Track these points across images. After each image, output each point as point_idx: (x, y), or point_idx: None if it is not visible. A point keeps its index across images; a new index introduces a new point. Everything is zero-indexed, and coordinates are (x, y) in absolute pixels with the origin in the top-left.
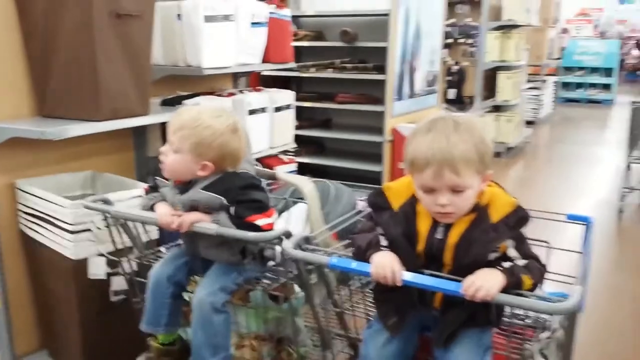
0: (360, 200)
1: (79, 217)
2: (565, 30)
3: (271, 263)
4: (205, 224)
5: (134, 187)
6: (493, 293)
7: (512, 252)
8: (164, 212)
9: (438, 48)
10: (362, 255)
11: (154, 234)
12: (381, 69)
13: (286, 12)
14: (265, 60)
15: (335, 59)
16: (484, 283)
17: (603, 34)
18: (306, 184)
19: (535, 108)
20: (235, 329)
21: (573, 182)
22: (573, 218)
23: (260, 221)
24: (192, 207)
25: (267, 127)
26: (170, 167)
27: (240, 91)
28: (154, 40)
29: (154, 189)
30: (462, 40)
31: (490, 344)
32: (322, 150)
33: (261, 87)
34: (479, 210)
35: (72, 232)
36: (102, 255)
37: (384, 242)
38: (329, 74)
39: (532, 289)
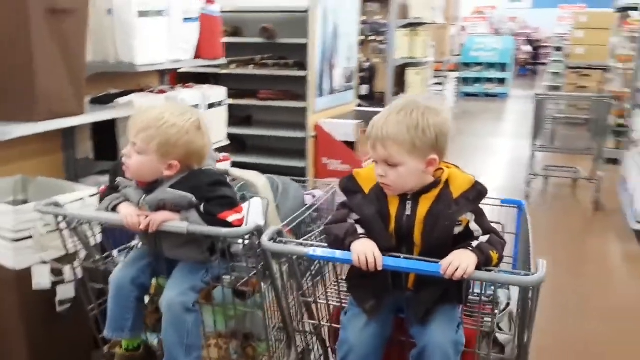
0: (307, 194)
1: (20, 224)
2: (463, 28)
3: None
4: (175, 222)
5: (72, 190)
6: (470, 271)
7: (473, 225)
8: (129, 212)
9: (354, 45)
10: (341, 243)
11: (98, 237)
12: (302, 66)
13: (216, 8)
14: (196, 56)
15: (255, 55)
16: (461, 263)
17: (497, 31)
18: (259, 178)
19: None
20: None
21: (480, 171)
22: (507, 202)
23: (232, 217)
24: (159, 207)
25: None
26: (134, 169)
27: (172, 88)
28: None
29: (112, 189)
30: (372, 38)
31: (460, 320)
32: (243, 147)
33: (192, 84)
34: (441, 189)
35: (12, 240)
36: (45, 263)
37: (360, 230)
38: (250, 70)
39: (498, 264)
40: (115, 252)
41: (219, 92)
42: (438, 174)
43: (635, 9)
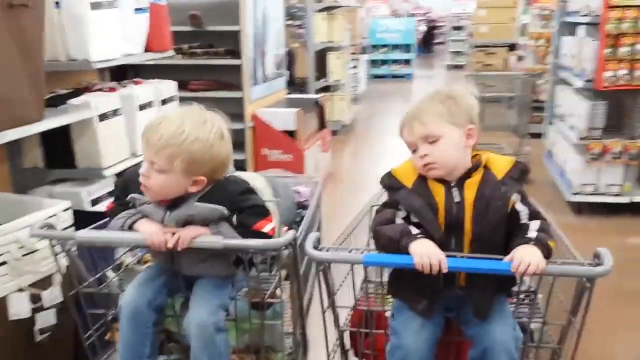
0: (296, 191)
1: None
2: (368, 11)
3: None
4: (208, 237)
5: (28, 204)
6: (543, 267)
7: (519, 206)
8: (153, 230)
9: (282, 30)
10: (396, 245)
11: None
12: (233, 54)
13: None
14: (146, 49)
15: (182, 44)
16: (532, 258)
17: (395, 13)
18: (256, 180)
19: (355, 85)
20: None
21: (403, 148)
22: None
23: (267, 227)
24: (186, 223)
25: None
26: (157, 190)
27: (122, 85)
28: None
29: (122, 206)
30: (289, 23)
31: (511, 312)
32: None
33: (139, 79)
34: (483, 172)
35: None
36: (22, 290)
37: (414, 230)
38: (178, 60)
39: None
40: (110, 272)
41: (170, 87)
42: (477, 158)
43: None
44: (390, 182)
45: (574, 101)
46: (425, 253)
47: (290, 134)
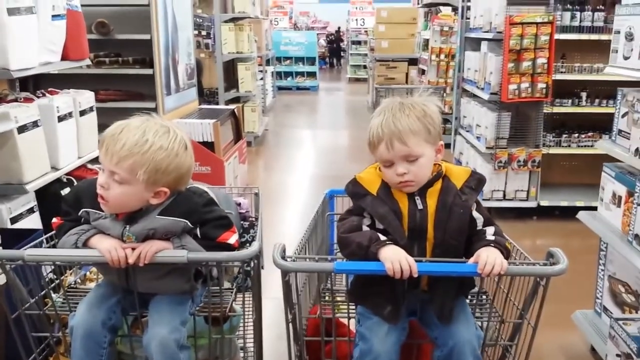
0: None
1: None
2: (271, 22)
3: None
4: (171, 251)
5: None
6: (505, 267)
7: (475, 214)
8: (112, 246)
9: (192, 39)
10: (364, 252)
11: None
12: (142, 63)
13: (77, 3)
14: (63, 57)
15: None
16: (495, 260)
17: (296, 26)
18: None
19: (262, 97)
20: None
21: (315, 159)
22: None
23: (232, 239)
24: (147, 237)
25: (74, 134)
26: (116, 202)
27: (40, 94)
28: None
29: (74, 221)
30: (195, 32)
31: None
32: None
33: (54, 89)
34: (443, 179)
35: None
36: None
37: (382, 237)
38: (85, 70)
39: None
40: (55, 295)
41: (88, 97)
42: (437, 168)
43: (446, 4)
44: (355, 189)
45: (480, 113)
46: (395, 258)
47: (207, 145)
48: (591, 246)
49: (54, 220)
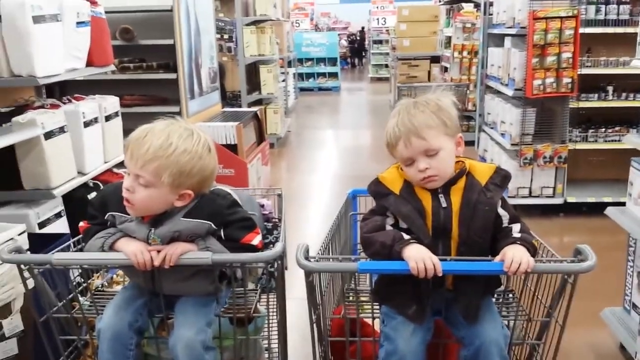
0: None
1: None
2: (293, 24)
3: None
4: (196, 253)
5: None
6: (532, 265)
7: (501, 211)
8: (138, 249)
9: (214, 43)
10: (388, 251)
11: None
12: (166, 67)
13: (101, 10)
14: (88, 63)
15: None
16: (522, 258)
17: (317, 27)
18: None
19: (285, 99)
20: None
21: (337, 159)
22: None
23: (255, 240)
24: (172, 239)
25: (99, 139)
26: (142, 205)
27: (66, 101)
28: None
29: (99, 225)
30: (217, 36)
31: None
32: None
33: (81, 95)
34: (467, 176)
35: None
36: None
37: (406, 236)
38: (109, 75)
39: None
40: (82, 298)
41: (113, 102)
42: (460, 165)
43: (468, 1)
44: (378, 188)
45: (505, 109)
46: (419, 257)
47: (230, 147)
48: (619, 242)
49: (81, 224)
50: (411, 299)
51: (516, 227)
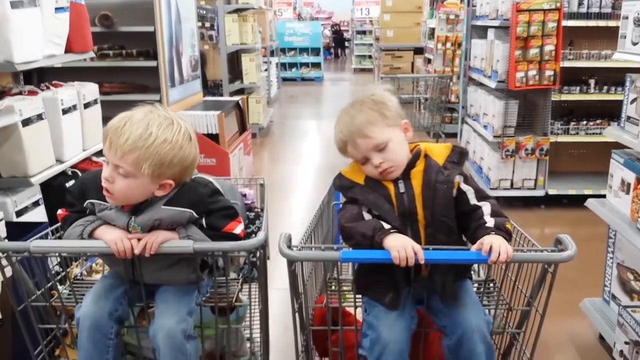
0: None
1: None
2: (275, 13)
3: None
4: (177, 241)
5: None
6: (511, 253)
7: (464, 187)
8: (117, 237)
9: (195, 31)
10: (369, 241)
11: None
12: (146, 55)
13: None
14: (67, 50)
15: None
16: (500, 247)
17: (300, 16)
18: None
19: (267, 88)
20: None
21: (320, 149)
22: None
23: (238, 229)
24: (153, 227)
25: (78, 127)
26: (121, 195)
27: (45, 87)
28: None
29: (78, 212)
30: (199, 24)
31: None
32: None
33: (60, 82)
34: (425, 158)
35: None
36: None
37: (386, 225)
38: (88, 62)
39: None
40: (62, 287)
41: (92, 89)
42: (415, 149)
43: None
44: (342, 182)
45: (487, 101)
46: (401, 246)
47: (212, 137)
48: (600, 234)
49: (59, 211)
50: (387, 288)
51: (486, 209)
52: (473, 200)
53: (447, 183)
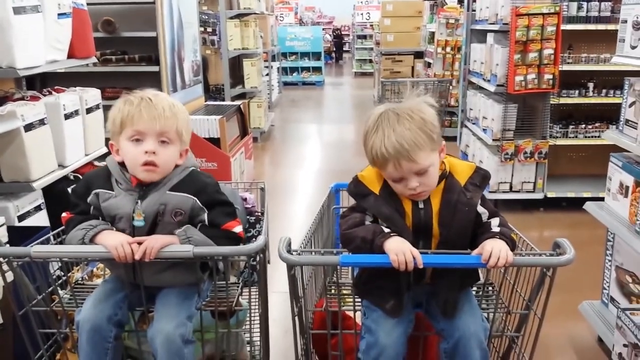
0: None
1: None
2: (277, 18)
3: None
4: (177, 246)
5: None
6: (511, 259)
7: (480, 209)
8: (119, 242)
9: (197, 36)
10: (369, 245)
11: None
12: (148, 60)
13: (83, 1)
14: (69, 55)
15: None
16: (500, 251)
17: (301, 21)
18: None
19: (268, 92)
20: None
21: (321, 153)
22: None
23: (237, 228)
24: (158, 213)
25: (80, 132)
26: (165, 164)
27: (47, 93)
28: None
29: (81, 214)
30: (201, 29)
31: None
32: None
33: (62, 88)
34: (446, 177)
35: None
36: None
37: (386, 229)
38: (91, 68)
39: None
40: (62, 292)
41: (94, 95)
42: (442, 167)
43: None
44: (358, 189)
45: (486, 105)
46: (400, 250)
47: (213, 141)
48: (598, 237)
49: (64, 214)
50: (389, 294)
51: (495, 221)
52: (485, 219)
53: (469, 206)
